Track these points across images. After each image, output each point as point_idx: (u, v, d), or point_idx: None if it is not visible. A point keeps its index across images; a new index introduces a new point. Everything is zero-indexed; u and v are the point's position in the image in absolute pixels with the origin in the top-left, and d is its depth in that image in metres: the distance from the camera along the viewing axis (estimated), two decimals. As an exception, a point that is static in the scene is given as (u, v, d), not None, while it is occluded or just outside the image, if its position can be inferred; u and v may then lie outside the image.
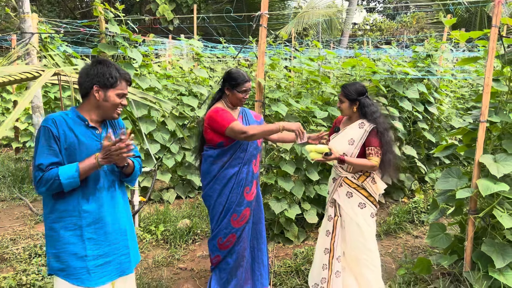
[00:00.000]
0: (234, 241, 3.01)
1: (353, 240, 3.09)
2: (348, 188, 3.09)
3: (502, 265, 2.96)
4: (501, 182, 3.00)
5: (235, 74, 2.95)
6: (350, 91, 3.06)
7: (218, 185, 2.96)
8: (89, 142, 2.04)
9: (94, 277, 2.04)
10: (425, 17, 21.11)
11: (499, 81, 3.24)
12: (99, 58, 2.11)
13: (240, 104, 3.01)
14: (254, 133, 2.75)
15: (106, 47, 4.92)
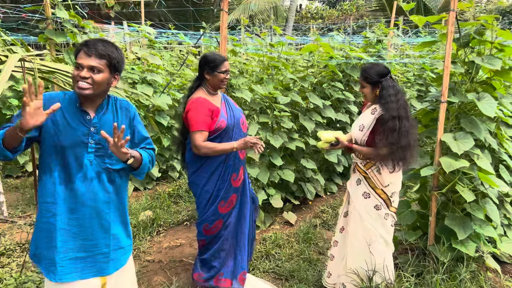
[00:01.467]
0: (221, 227, 3.01)
1: (353, 230, 3.01)
2: (358, 175, 3.00)
3: (464, 236, 3.15)
4: (461, 159, 3.18)
5: (212, 56, 2.89)
6: (370, 73, 2.88)
7: (205, 173, 2.91)
8: (76, 126, 1.90)
9: (61, 272, 1.90)
10: (364, 5, 21.77)
11: (456, 63, 3.40)
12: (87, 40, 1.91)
13: (222, 85, 2.94)
14: (205, 152, 2.80)
15: (54, 34, 4.63)
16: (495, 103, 3.19)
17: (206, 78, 2.91)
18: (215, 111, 2.84)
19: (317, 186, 5.26)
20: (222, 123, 2.85)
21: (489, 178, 3.11)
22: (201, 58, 2.93)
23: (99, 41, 1.93)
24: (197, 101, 2.82)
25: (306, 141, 4.91)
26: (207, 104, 2.83)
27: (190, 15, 14.51)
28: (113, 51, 1.93)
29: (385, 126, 2.77)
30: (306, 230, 4.21)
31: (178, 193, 5.43)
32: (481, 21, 3.29)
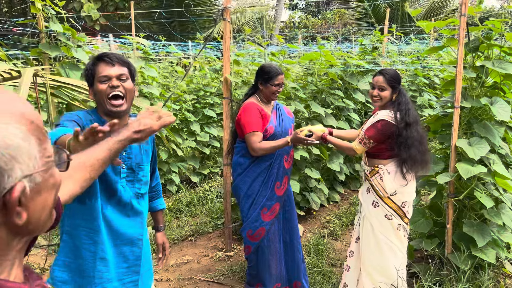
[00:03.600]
0: (264, 234, 3.03)
1: (366, 239, 2.95)
2: (367, 184, 2.95)
3: (483, 243, 3.09)
4: (477, 164, 3.14)
5: (268, 68, 2.95)
6: (393, 77, 2.83)
7: (249, 178, 3.00)
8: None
9: None
10: (347, 14, 21.98)
11: (466, 68, 3.38)
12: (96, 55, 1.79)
13: (274, 97, 3.01)
14: (261, 153, 2.90)
15: (48, 48, 4.48)
16: (508, 107, 3.17)
17: (259, 87, 2.99)
18: (265, 116, 2.93)
19: (321, 195, 5.19)
20: (270, 129, 2.93)
21: (506, 182, 3.07)
22: (259, 67, 3.02)
23: (110, 52, 1.83)
24: (248, 106, 2.94)
25: (309, 150, 4.83)
26: (257, 107, 2.93)
27: (176, 26, 14.42)
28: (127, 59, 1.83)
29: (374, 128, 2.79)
30: (316, 242, 4.11)
31: (179, 208, 5.29)
32: (490, 25, 3.28)
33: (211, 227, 4.72)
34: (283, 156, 3.05)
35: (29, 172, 0.61)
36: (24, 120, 0.61)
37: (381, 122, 2.79)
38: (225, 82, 3.90)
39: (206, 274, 3.73)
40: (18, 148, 0.59)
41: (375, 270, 2.93)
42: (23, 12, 13.90)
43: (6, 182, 0.59)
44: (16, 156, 0.59)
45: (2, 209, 0.60)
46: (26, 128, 0.61)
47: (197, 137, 6.20)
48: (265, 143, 2.88)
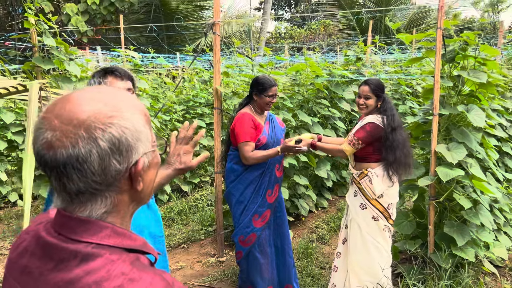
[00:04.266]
0: (255, 240, 3.14)
1: (353, 240, 3.08)
2: (355, 187, 3.09)
3: (463, 243, 3.27)
4: (456, 168, 3.33)
5: (262, 80, 3.10)
6: (378, 86, 3.02)
7: (242, 185, 3.11)
8: None
9: None
10: (332, 25, 22.40)
11: (444, 77, 3.58)
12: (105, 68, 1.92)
13: (267, 108, 3.14)
14: (253, 162, 3.04)
15: (41, 61, 4.60)
16: (483, 114, 3.37)
17: (254, 98, 3.13)
18: (258, 127, 3.07)
19: (309, 202, 5.34)
20: (263, 139, 3.06)
21: (483, 185, 3.26)
22: (253, 79, 3.17)
23: (116, 66, 1.97)
24: (242, 116, 3.06)
25: (297, 158, 4.99)
26: (251, 118, 3.06)
27: (164, 39, 14.58)
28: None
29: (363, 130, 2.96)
30: (305, 246, 4.26)
31: (170, 216, 5.40)
32: (465, 37, 3.50)
33: (203, 234, 4.83)
34: (275, 165, 3.19)
35: (147, 150, 0.81)
36: (142, 112, 0.81)
37: (370, 124, 2.98)
38: (216, 93, 4.05)
39: (200, 279, 3.84)
40: (141, 132, 0.79)
41: (362, 269, 3.08)
42: (10, 26, 13.94)
43: (134, 157, 0.78)
44: (140, 138, 0.78)
45: (129, 178, 0.79)
46: (144, 118, 0.81)
47: (188, 147, 6.32)
48: (257, 153, 3.02)
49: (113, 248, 0.76)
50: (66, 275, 0.72)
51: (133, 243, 0.80)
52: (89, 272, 0.71)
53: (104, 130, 0.73)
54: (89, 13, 13.31)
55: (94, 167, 0.73)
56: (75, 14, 12.77)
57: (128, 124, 0.76)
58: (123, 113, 0.76)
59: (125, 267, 0.73)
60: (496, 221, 4.04)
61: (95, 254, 0.73)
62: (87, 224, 0.77)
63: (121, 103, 0.78)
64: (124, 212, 0.83)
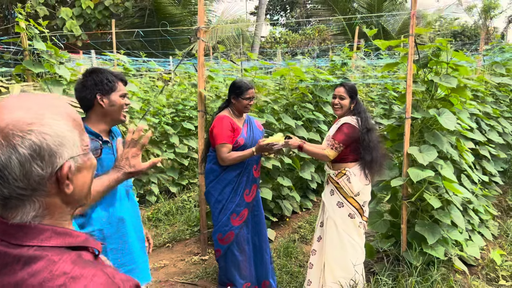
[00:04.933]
0: (233, 238, 3.28)
1: (329, 237, 3.20)
2: (331, 186, 3.22)
3: (433, 241, 3.40)
4: (427, 169, 3.46)
5: (239, 83, 3.23)
6: (352, 88, 3.22)
7: (220, 185, 3.24)
8: (107, 157, 2.05)
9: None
10: (326, 30, 22.58)
11: (417, 82, 3.73)
12: (90, 69, 2.11)
13: (246, 110, 3.27)
14: (229, 163, 3.16)
15: (31, 65, 4.71)
16: (454, 117, 3.51)
17: (232, 101, 3.25)
18: (237, 129, 3.19)
19: (293, 203, 5.46)
20: (241, 140, 3.19)
21: (453, 185, 3.40)
22: (232, 83, 3.29)
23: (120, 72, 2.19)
24: (221, 118, 3.19)
25: (282, 160, 5.12)
26: (230, 121, 3.17)
27: (158, 43, 14.72)
28: None
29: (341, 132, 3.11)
30: (286, 245, 4.38)
31: (157, 217, 5.51)
32: (437, 44, 3.64)
33: (188, 234, 4.95)
34: (252, 165, 3.32)
35: (74, 154, 0.85)
36: (70, 118, 0.86)
37: (346, 125, 3.14)
38: (200, 96, 4.18)
39: (182, 276, 3.96)
40: (65, 137, 0.83)
41: (338, 266, 3.21)
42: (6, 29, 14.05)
43: (58, 162, 0.82)
44: (64, 143, 0.83)
45: (56, 182, 0.83)
46: (71, 124, 0.86)
47: (176, 149, 6.45)
48: (232, 154, 3.15)
49: (55, 248, 0.81)
50: (11, 278, 0.77)
51: (75, 241, 0.86)
52: (33, 274, 0.76)
53: (23, 137, 0.77)
54: (84, 18, 13.42)
55: (15, 173, 0.78)
56: (70, 18, 12.89)
57: (48, 130, 0.80)
58: (44, 120, 0.81)
59: (67, 267, 0.78)
60: (471, 221, 4.19)
61: (37, 257, 0.78)
62: (25, 228, 0.81)
63: (45, 110, 0.83)
64: (59, 214, 0.87)
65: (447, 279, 3.49)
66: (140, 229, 2.25)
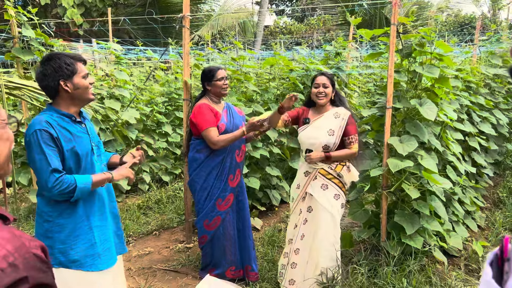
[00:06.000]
0: (219, 223, 3.35)
1: (325, 231, 3.16)
2: (323, 180, 3.17)
3: (412, 231, 3.40)
4: (407, 159, 3.45)
5: (207, 68, 3.30)
6: (332, 77, 3.28)
7: (204, 172, 3.29)
8: (82, 136, 2.14)
9: (105, 260, 2.20)
10: (330, 19, 22.44)
11: (400, 72, 3.70)
12: (46, 55, 2.11)
13: (223, 91, 3.30)
14: (222, 145, 3.16)
15: (21, 52, 4.74)
16: (435, 108, 3.48)
17: (207, 89, 3.30)
18: (216, 114, 3.22)
19: (283, 192, 5.48)
20: (222, 126, 3.23)
21: (432, 176, 3.39)
22: (201, 72, 3.34)
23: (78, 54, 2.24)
24: (200, 105, 3.23)
25: (271, 150, 5.13)
26: (209, 107, 3.21)
27: (159, 31, 14.69)
28: None
29: (353, 125, 3.21)
30: (270, 234, 4.40)
31: (148, 205, 5.55)
32: (422, 33, 3.61)
33: (176, 222, 4.99)
34: (234, 151, 3.36)
35: None
36: None
37: (351, 117, 3.23)
38: (185, 85, 4.19)
39: (165, 263, 4.00)
40: None
41: (328, 257, 3.22)
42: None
43: None
44: None
45: None
46: None
47: (169, 138, 6.48)
48: (224, 136, 3.18)
49: None
50: None
51: None
52: None
53: None
54: (85, 6, 13.44)
55: None
56: (71, 6, 12.91)
57: None
58: None
59: None
60: (455, 212, 4.18)
61: None
62: None
63: None
64: None
65: (425, 269, 3.49)
66: (114, 205, 2.38)
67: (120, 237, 2.41)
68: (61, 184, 1.97)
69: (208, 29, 14.96)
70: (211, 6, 18.86)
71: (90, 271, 2.13)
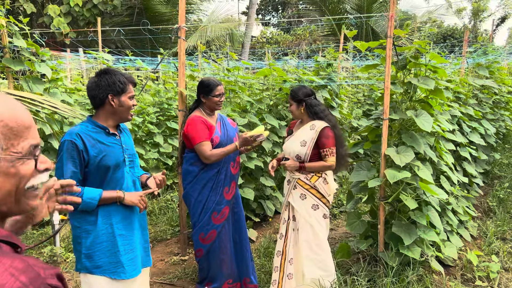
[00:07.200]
0: (215, 237, 3.28)
1: (306, 241, 3.20)
2: (301, 190, 3.22)
3: (410, 242, 3.42)
4: (404, 170, 3.48)
5: (207, 81, 3.23)
6: (296, 92, 3.27)
7: (198, 185, 3.23)
8: (114, 146, 2.26)
9: (129, 270, 2.26)
10: (316, 30, 22.65)
11: (395, 84, 3.75)
12: (103, 69, 2.27)
13: (217, 107, 3.27)
14: (214, 160, 3.13)
15: (11, 62, 4.67)
16: (431, 119, 3.53)
17: (202, 101, 3.25)
18: (210, 127, 3.18)
19: (276, 203, 5.47)
20: (216, 139, 3.19)
21: (428, 187, 3.42)
22: (198, 83, 3.28)
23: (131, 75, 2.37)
24: (194, 119, 3.18)
25: (265, 160, 5.12)
26: (203, 120, 3.17)
27: (147, 42, 14.65)
28: None
29: (334, 137, 3.18)
30: (266, 245, 4.38)
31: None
32: (416, 46, 3.66)
33: (169, 234, 4.93)
34: (229, 162, 3.33)
35: None
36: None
37: (327, 129, 3.20)
38: (180, 96, 4.17)
39: (161, 277, 3.94)
40: None
41: (317, 267, 3.21)
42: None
43: None
44: None
45: None
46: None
47: (160, 149, 6.43)
48: (216, 150, 3.15)
49: None
50: None
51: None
52: None
53: None
54: (72, 15, 13.33)
55: None
56: (58, 15, 12.79)
57: None
58: None
59: None
60: (449, 222, 4.22)
61: None
62: None
63: None
64: None
65: (423, 280, 3.51)
66: (143, 218, 2.45)
67: (146, 250, 2.47)
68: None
69: (196, 39, 14.98)
70: (199, 16, 18.91)
71: (112, 279, 2.20)
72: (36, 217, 1.11)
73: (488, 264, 3.96)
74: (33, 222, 1.19)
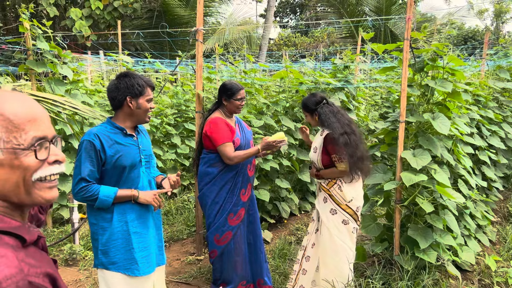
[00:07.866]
0: (230, 238, 3.31)
1: (323, 243, 3.22)
2: (324, 194, 3.26)
3: (426, 245, 3.39)
4: (420, 173, 3.46)
5: (229, 85, 3.27)
6: (306, 103, 3.30)
7: (216, 186, 3.26)
8: (131, 147, 2.34)
9: (142, 267, 2.31)
10: (334, 32, 22.60)
11: (412, 86, 3.73)
12: (124, 72, 2.35)
13: (238, 111, 3.31)
14: (237, 161, 3.16)
15: (35, 64, 4.79)
16: (448, 122, 3.50)
17: (223, 103, 3.28)
18: (232, 129, 3.22)
19: (292, 205, 5.48)
20: (237, 141, 3.23)
21: (445, 190, 3.39)
22: (221, 85, 3.32)
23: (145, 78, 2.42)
24: (215, 120, 3.21)
25: (280, 162, 5.14)
26: (225, 121, 3.21)
27: (166, 44, 14.82)
28: None
29: (338, 143, 3.09)
30: (281, 247, 4.40)
31: (157, 216, 5.55)
32: (434, 48, 3.64)
33: (185, 234, 4.99)
34: (247, 165, 3.36)
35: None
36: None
37: (329, 136, 3.18)
38: (198, 98, 4.22)
39: (176, 276, 3.99)
40: None
41: (331, 272, 3.22)
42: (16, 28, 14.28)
43: None
44: None
45: None
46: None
47: (178, 150, 6.50)
48: (239, 152, 3.19)
49: None
50: None
51: (5, 226, 0.93)
52: None
53: None
54: (93, 18, 13.58)
55: None
56: (79, 18, 13.05)
57: None
58: None
59: None
60: (467, 226, 4.17)
61: None
62: None
63: None
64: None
65: (439, 284, 3.48)
66: (158, 217, 2.52)
67: (160, 248, 2.52)
68: (85, 192, 2.18)
69: (214, 41, 15.10)
70: (217, 19, 19.05)
71: (127, 275, 2.26)
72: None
73: (507, 269, 3.89)
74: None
